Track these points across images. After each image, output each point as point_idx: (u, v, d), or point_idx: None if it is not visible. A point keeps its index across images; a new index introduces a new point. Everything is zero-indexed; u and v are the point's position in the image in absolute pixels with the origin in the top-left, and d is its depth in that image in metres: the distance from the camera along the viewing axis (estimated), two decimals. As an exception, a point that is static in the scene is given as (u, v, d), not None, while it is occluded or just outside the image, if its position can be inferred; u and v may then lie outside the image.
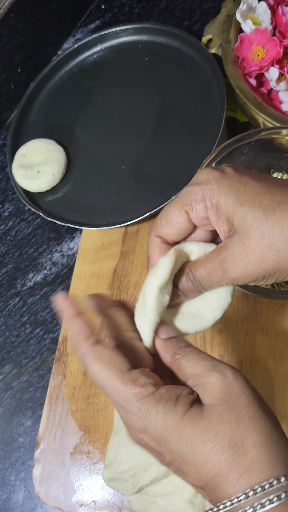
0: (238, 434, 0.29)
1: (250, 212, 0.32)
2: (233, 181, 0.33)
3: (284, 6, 0.61)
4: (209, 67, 0.70)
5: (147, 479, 0.49)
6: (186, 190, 0.35)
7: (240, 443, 0.29)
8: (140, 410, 0.30)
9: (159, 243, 0.36)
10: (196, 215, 0.34)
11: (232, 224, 0.33)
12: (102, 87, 0.76)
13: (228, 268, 0.33)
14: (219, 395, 0.31)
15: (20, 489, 0.59)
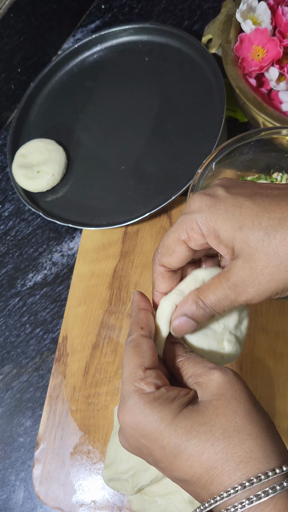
0: (234, 426, 0.30)
1: (251, 236, 0.32)
2: (227, 205, 0.33)
3: (284, 6, 0.61)
4: (209, 67, 0.70)
5: (147, 479, 0.49)
6: (180, 220, 0.35)
7: (235, 434, 0.29)
8: (136, 404, 0.32)
9: (163, 272, 0.37)
10: (194, 243, 0.35)
11: (233, 249, 0.33)
12: (102, 87, 0.76)
13: (240, 291, 0.33)
14: (218, 391, 0.31)
15: (20, 489, 0.59)
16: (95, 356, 0.61)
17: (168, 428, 0.30)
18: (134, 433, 0.32)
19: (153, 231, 0.67)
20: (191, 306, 0.35)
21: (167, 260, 0.36)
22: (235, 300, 0.34)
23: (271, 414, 0.55)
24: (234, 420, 0.30)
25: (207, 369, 0.33)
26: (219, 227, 0.33)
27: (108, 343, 0.62)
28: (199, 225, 0.33)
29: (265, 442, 0.30)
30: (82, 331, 0.63)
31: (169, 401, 0.31)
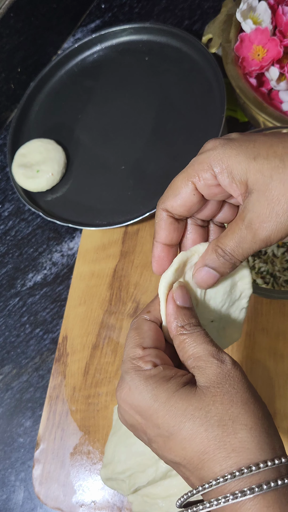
0: (229, 415, 0.29)
1: (266, 164, 0.30)
2: (241, 141, 0.32)
3: (284, 6, 0.61)
4: (209, 67, 0.69)
5: (144, 480, 0.49)
6: (192, 161, 0.33)
7: (230, 423, 0.29)
8: (132, 380, 0.31)
9: (165, 217, 0.35)
10: (203, 184, 0.33)
11: (247, 183, 0.31)
12: (102, 87, 0.76)
13: (257, 228, 0.31)
14: (216, 379, 0.31)
15: (20, 489, 0.59)
16: (95, 356, 0.61)
17: (162, 406, 0.30)
18: (129, 409, 0.32)
19: (153, 231, 0.67)
20: (211, 255, 0.34)
21: (170, 203, 0.34)
22: (253, 241, 0.32)
23: (271, 414, 0.54)
24: (231, 409, 0.30)
25: (207, 353, 0.32)
26: (232, 161, 0.31)
27: (108, 343, 0.62)
28: (210, 163, 0.32)
29: (260, 434, 0.29)
30: (82, 331, 0.63)
31: (165, 379, 0.31)
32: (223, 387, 0.30)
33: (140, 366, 0.32)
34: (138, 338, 0.33)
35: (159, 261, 0.36)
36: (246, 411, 0.30)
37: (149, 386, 0.31)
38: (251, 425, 0.29)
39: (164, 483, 0.49)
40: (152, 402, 0.31)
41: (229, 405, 0.30)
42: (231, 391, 0.30)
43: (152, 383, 0.31)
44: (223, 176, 0.32)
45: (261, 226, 0.31)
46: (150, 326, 0.34)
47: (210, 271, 0.34)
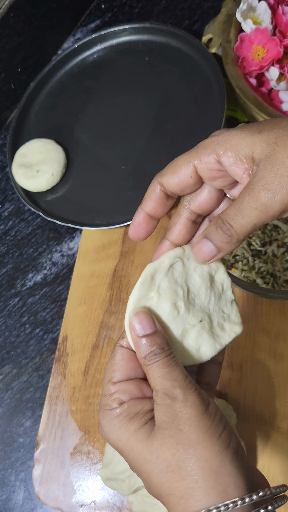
0: (176, 460, 0.29)
1: (271, 134, 0.31)
2: (245, 125, 0.33)
3: (284, 6, 0.61)
4: (209, 67, 0.69)
5: None
6: (198, 144, 0.34)
7: (177, 469, 0.29)
8: (102, 419, 0.32)
9: (158, 191, 0.36)
10: (204, 167, 0.33)
11: (253, 156, 0.31)
12: (102, 87, 0.76)
13: (259, 191, 0.30)
14: (165, 419, 0.30)
15: (20, 489, 0.59)
16: (95, 356, 0.61)
17: (124, 447, 0.31)
18: (109, 443, 0.33)
19: (153, 231, 0.67)
20: (211, 227, 0.32)
21: (167, 179, 0.35)
22: (254, 206, 0.30)
23: (271, 414, 0.54)
24: (177, 454, 0.29)
25: (160, 389, 0.31)
26: (236, 139, 0.31)
27: (108, 343, 0.62)
28: (215, 147, 0.32)
29: (206, 479, 0.29)
30: (82, 331, 0.63)
31: (128, 418, 0.31)
32: (170, 428, 0.30)
33: (109, 405, 0.32)
34: (109, 372, 0.34)
35: (137, 227, 0.38)
36: (192, 455, 0.29)
37: (113, 427, 0.32)
38: (196, 470, 0.29)
39: (164, 483, 0.49)
40: (117, 442, 0.32)
41: (175, 449, 0.29)
42: (177, 434, 0.30)
43: (116, 424, 0.32)
44: (227, 156, 0.32)
45: (263, 188, 0.30)
46: (123, 355, 0.34)
47: (208, 245, 0.33)
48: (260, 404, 0.55)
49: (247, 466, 0.30)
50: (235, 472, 0.29)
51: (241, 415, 0.55)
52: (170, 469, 0.29)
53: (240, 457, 0.30)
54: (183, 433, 0.30)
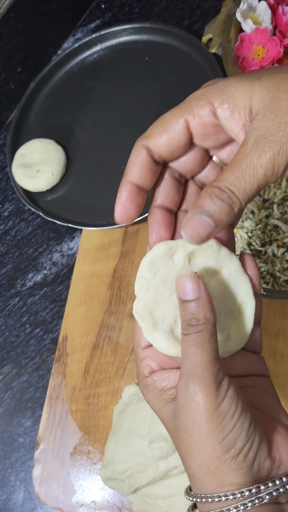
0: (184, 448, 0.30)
1: (271, 80, 0.27)
2: (244, 73, 0.29)
3: (284, 6, 0.61)
4: (209, 67, 0.69)
5: (144, 480, 0.49)
6: (189, 96, 0.29)
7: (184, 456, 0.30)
8: (140, 383, 0.33)
9: (144, 155, 0.30)
10: (198, 121, 0.29)
11: (251, 108, 0.27)
12: (102, 87, 0.76)
13: (264, 145, 0.26)
14: (179, 407, 0.30)
15: (20, 489, 0.59)
16: (95, 356, 0.61)
17: (158, 415, 0.32)
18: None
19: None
20: (205, 199, 0.27)
21: (154, 140, 0.30)
22: (258, 163, 0.26)
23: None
24: (183, 443, 0.30)
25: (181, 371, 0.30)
26: (234, 88, 0.27)
27: (108, 343, 0.62)
28: (209, 97, 0.28)
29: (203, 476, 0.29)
30: (82, 331, 0.63)
31: (156, 392, 0.32)
32: (181, 418, 0.30)
33: (142, 372, 0.33)
34: (136, 336, 0.33)
35: (125, 205, 0.30)
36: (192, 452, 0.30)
37: (148, 395, 0.32)
38: (194, 466, 0.29)
39: (164, 483, 0.49)
40: (153, 407, 0.33)
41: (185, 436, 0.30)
42: (185, 428, 0.29)
43: (150, 392, 0.32)
44: (224, 108, 0.28)
45: (268, 141, 0.26)
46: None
47: (203, 219, 0.27)
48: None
49: (251, 462, 0.29)
50: (232, 473, 0.29)
51: (241, 415, 0.55)
52: (181, 453, 0.30)
53: (243, 456, 0.29)
54: (188, 431, 0.29)
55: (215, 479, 0.29)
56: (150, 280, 0.31)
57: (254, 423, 0.29)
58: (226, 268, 0.31)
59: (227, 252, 0.31)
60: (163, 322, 0.31)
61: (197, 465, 0.29)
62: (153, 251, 0.31)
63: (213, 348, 0.28)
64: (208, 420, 0.28)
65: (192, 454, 0.29)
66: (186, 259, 0.31)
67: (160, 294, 0.31)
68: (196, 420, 0.28)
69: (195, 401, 0.28)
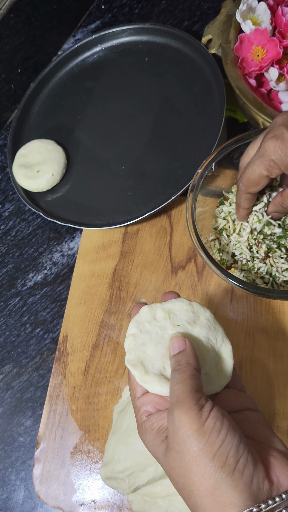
0: (181, 481, 0.32)
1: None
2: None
3: (283, 7, 0.61)
4: (209, 68, 0.70)
5: (144, 480, 0.49)
6: (259, 161, 0.47)
7: (183, 488, 0.32)
8: (139, 430, 0.37)
9: (249, 197, 0.53)
10: (274, 175, 0.48)
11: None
12: (102, 87, 0.77)
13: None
14: (170, 439, 0.33)
15: (20, 488, 0.60)
16: (95, 356, 0.62)
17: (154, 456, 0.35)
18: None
19: (153, 231, 0.67)
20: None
21: (253, 189, 0.51)
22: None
23: (271, 414, 0.55)
24: (181, 475, 0.32)
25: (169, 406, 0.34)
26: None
27: (108, 343, 0.62)
28: (277, 163, 0.46)
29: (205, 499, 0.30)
30: (82, 331, 0.63)
31: (154, 433, 0.35)
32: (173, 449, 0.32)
33: (141, 419, 0.37)
34: (132, 390, 0.38)
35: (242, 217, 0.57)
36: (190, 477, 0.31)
37: (147, 438, 0.36)
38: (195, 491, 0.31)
39: (163, 482, 0.49)
40: (149, 450, 0.36)
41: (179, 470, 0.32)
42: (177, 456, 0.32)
43: (148, 435, 0.36)
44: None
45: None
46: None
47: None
48: (259, 404, 0.55)
49: (248, 480, 0.30)
50: (231, 491, 0.30)
51: (241, 414, 0.55)
52: (179, 488, 0.32)
53: (239, 473, 0.30)
54: (181, 455, 0.31)
55: (216, 501, 0.30)
56: (138, 335, 0.38)
57: (244, 442, 0.31)
58: (202, 315, 0.39)
59: (198, 304, 0.40)
60: (153, 368, 0.37)
61: (197, 489, 0.30)
62: (139, 313, 0.39)
63: (194, 384, 0.34)
64: (194, 437, 0.31)
65: (190, 479, 0.31)
66: (166, 316, 0.39)
67: (147, 346, 0.38)
68: (185, 442, 0.31)
69: (181, 424, 0.31)
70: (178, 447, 0.31)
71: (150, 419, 0.36)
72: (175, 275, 0.63)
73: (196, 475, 0.30)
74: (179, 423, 0.32)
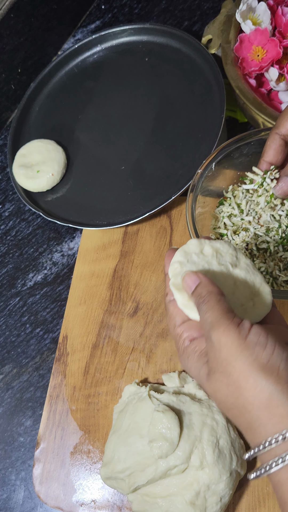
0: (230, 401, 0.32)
1: None
2: None
3: (283, 7, 0.61)
4: (209, 68, 0.70)
5: (144, 480, 0.49)
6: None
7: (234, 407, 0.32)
8: (182, 355, 0.38)
9: (278, 140, 0.47)
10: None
11: None
12: (102, 87, 0.77)
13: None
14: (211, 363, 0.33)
15: (20, 488, 0.60)
16: (95, 356, 0.62)
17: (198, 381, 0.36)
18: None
19: (153, 231, 0.67)
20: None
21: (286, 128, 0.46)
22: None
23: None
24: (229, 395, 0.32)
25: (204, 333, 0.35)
26: None
27: (108, 343, 0.62)
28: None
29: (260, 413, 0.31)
30: (82, 331, 0.63)
31: (197, 355, 0.36)
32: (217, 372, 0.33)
33: (183, 344, 0.37)
34: (171, 320, 0.39)
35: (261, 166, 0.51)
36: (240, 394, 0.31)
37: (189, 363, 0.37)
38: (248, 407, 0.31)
39: (163, 482, 0.49)
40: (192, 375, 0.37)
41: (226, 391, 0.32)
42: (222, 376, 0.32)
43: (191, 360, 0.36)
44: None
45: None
46: (174, 305, 0.39)
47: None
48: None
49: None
50: (287, 402, 0.30)
51: (241, 414, 0.55)
52: (228, 408, 0.32)
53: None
54: (227, 374, 0.31)
55: (272, 413, 0.30)
56: (184, 263, 0.39)
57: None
58: (243, 261, 0.40)
59: (241, 251, 0.41)
60: None
61: (250, 404, 0.30)
62: (188, 244, 0.40)
63: (223, 307, 0.34)
64: (239, 354, 0.31)
65: (241, 395, 0.31)
66: (213, 254, 0.40)
67: None
68: (230, 361, 0.31)
69: (221, 345, 0.32)
70: (222, 368, 0.32)
71: (193, 343, 0.36)
72: (175, 275, 0.63)
73: (247, 390, 0.30)
74: (219, 344, 0.32)
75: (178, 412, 0.50)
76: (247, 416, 0.31)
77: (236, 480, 0.50)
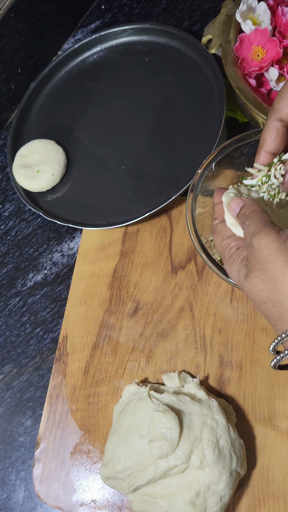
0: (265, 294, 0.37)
1: None
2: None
3: (283, 7, 0.61)
4: (209, 68, 0.70)
5: (144, 480, 0.49)
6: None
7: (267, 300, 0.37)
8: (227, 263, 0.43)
9: (278, 126, 0.42)
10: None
11: None
12: (102, 87, 0.77)
13: None
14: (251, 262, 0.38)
15: (20, 488, 0.60)
16: (95, 356, 0.62)
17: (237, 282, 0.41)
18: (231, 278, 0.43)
19: (153, 231, 0.67)
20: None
21: (286, 110, 0.41)
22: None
23: (271, 413, 0.55)
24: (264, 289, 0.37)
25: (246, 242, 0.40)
26: None
27: (108, 343, 0.62)
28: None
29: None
30: (82, 331, 0.63)
31: (240, 259, 0.41)
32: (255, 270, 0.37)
33: (230, 251, 0.42)
34: (219, 232, 0.45)
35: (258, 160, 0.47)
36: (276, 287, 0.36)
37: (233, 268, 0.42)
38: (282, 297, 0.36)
39: (163, 482, 0.49)
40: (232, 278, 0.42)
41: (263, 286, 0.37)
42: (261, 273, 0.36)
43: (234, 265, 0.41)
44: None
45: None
46: (223, 225, 0.45)
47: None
48: (259, 404, 0.55)
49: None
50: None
51: (241, 415, 0.55)
52: (262, 301, 0.37)
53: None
54: (265, 271, 0.36)
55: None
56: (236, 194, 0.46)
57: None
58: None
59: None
60: None
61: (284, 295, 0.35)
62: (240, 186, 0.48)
63: (266, 219, 0.39)
64: (277, 253, 0.36)
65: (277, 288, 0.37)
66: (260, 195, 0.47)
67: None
68: (269, 258, 0.36)
69: (262, 246, 0.36)
70: (261, 266, 0.36)
71: (239, 250, 0.41)
72: (175, 275, 0.63)
73: (283, 283, 0.35)
74: (259, 246, 0.37)
75: (178, 412, 0.50)
76: (280, 306, 0.35)
77: (236, 480, 0.50)
